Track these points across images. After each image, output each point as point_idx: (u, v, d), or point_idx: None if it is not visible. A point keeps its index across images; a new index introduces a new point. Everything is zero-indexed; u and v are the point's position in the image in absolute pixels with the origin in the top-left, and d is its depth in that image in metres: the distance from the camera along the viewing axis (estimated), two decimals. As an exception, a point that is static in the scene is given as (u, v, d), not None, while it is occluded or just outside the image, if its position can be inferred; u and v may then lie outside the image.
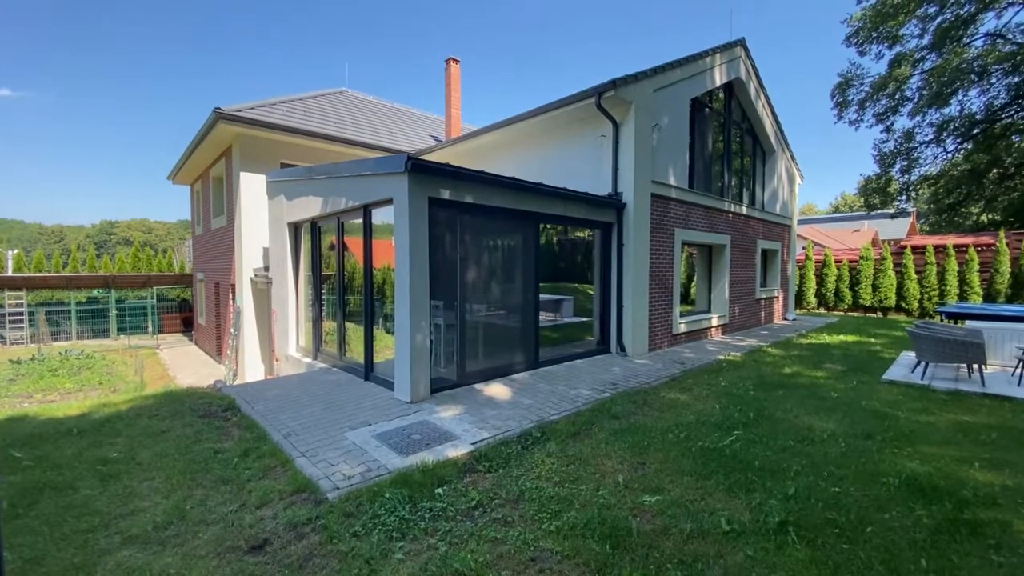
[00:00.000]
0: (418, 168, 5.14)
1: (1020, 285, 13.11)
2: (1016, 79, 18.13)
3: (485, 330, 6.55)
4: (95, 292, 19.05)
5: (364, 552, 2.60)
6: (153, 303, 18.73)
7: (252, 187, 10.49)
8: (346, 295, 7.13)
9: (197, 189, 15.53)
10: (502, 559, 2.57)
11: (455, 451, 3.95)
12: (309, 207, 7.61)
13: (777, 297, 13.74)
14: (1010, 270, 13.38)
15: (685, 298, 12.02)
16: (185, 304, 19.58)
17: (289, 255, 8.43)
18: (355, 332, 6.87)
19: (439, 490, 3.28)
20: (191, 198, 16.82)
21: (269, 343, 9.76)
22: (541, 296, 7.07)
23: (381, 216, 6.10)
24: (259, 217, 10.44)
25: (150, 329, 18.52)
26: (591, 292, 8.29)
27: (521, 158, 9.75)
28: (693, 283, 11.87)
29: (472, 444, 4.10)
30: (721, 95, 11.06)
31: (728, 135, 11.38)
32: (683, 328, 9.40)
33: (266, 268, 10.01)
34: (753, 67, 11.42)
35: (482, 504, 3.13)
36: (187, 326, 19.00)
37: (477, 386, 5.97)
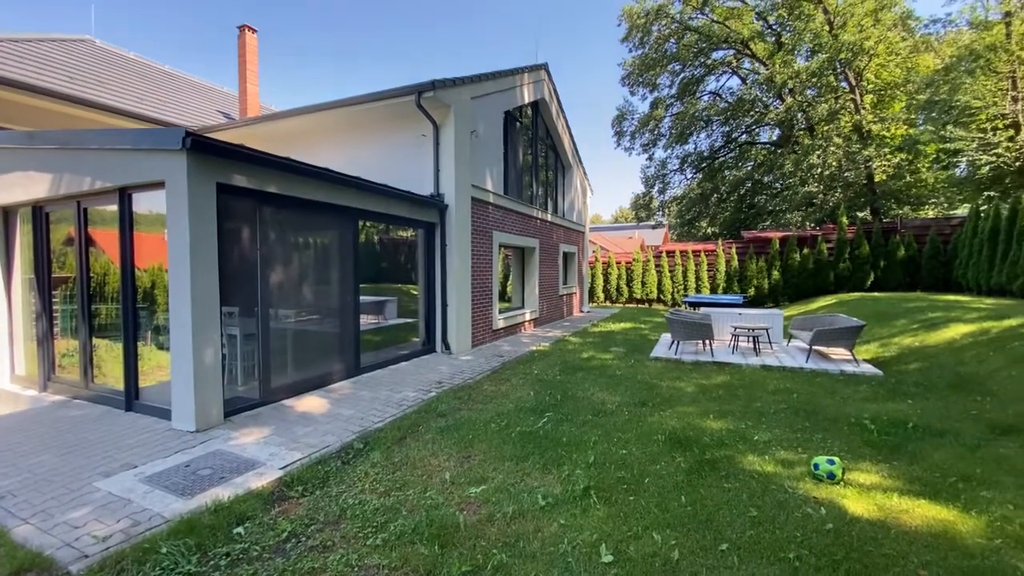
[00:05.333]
0: (202, 147, 4.28)
1: (731, 280, 18.01)
2: (726, 129, 24.75)
3: (296, 338, 5.86)
4: None
5: (130, 630, 2.04)
6: None
7: (-83, 152, 7.23)
8: (94, 304, 5.50)
9: None
10: (322, 589, 2.32)
11: (260, 480, 3.42)
12: (29, 186, 5.63)
13: (575, 293, 15.90)
14: (724, 269, 18.22)
15: (502, 296, 12.89)
16: None
17: (-8, 251, 6.10)
18: (109, 351, 5.36)
19: (239, 529, 2.80)
20: None
21: (-44, 375, 6.87)
22: (363, 298, 6.67)
23: (147, 203, 4.89)
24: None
25: None
26: (416, 292, 8.19)
27: (336, 149, 9.03)
28: (509, 282, 12.82)
29: (281, 468, 3.62)
30: (529, 112, 12.17)
31: (535, 149, 12.62)
32: (501, 324, 10.06)
33: (-52, 269, 7.02)
34: (555, 90, 12.88)
35: (296, 534, 2.78)
36: None
37: (287, 402, 5.30)
